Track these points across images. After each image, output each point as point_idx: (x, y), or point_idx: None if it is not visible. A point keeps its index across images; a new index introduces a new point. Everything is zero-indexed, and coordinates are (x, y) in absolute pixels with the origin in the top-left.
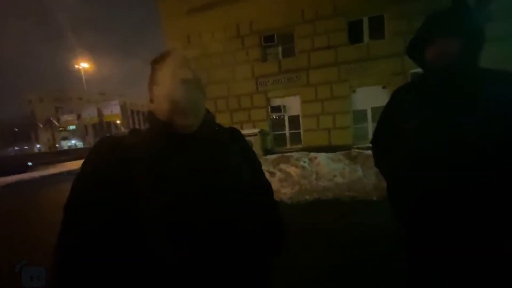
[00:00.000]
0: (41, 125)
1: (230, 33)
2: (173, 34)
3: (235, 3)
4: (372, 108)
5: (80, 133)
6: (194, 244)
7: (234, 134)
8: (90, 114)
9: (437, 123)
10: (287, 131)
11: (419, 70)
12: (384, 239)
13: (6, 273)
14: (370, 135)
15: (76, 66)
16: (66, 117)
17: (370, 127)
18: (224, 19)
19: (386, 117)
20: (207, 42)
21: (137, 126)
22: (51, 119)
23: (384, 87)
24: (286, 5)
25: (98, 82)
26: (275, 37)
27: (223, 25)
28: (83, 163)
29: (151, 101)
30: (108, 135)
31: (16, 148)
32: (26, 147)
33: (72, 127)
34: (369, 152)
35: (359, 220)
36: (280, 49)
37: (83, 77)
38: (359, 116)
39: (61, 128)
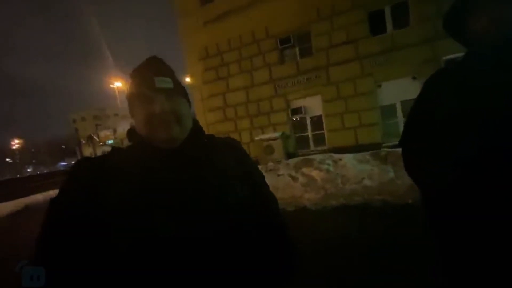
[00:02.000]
0: (83, 141)
1: (246, 40)
2: (192, 46)
3: (249, 9)
4: (402, 102)
5: (118, 146)
6: (183, 273)
7: (229, 145)
8: (124, 128)
9: (494, 112)
10: (309, 133)
11: (454, 56)
12: (422, 248)
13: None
14: (401, 131)
15: (111, 85)
16: (104, 133)
17: (400, 122)
18: (239, 26)
19: (419, 112)
20: (224, 50)
21: None
22: (92, 135)
23: (414, 78)
24: (300, 5)
25: None
26: (291, 38)
27: (238, 32)
28: (61, 186)
29: (132, 115)
30: (85, 156)
31: (64, 163)
32: (72, 162)
33: (110, 141)
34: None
35: (393, 227)
36: (297, 49)
37: (117, 95)
38: (388, 111)
39: (101, 143)
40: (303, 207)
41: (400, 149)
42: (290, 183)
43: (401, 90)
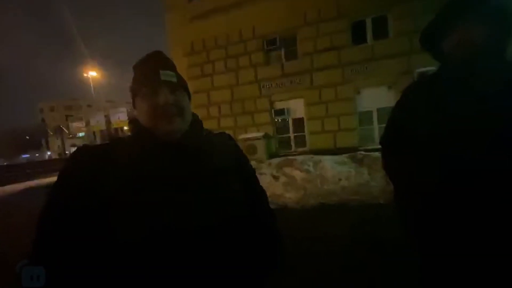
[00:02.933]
0: (51, 133)
1: (233, 38)
2: (177, 41)
3: (237, 8)
4: (378, 109)
5: (88, 140)
6: (179, 264)
7: (225, 140)
8: (98, 121)
9: (456, 122)
10: (291, 134)
11: (426, 69)
12: (392, 244)
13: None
14: (376, 137)
15: (85, 74)
16: (75, 125)
17: (376, 128)
18: (226, 25)
19: (397, 117)
20: (210, 48)
21: None
22: (61, 126)
23: (389, 87)
24: (288, 8)
25: (106, 90)
26: (278, 40)
27: (225, 30)
28: (60, 173)
29: (134, 106)
30: (86, 143)
31: (27, 155)
32: (37, 154)
33: (81, 134)
34: (376, 154)
35: (366, 225)
36: (282, 52)
37: (92, 85)
38: (365, 117)
39: (70, 135)
40: (284, 206)
41: (375, 154)
42: (272, 182)
43: (377, 98)
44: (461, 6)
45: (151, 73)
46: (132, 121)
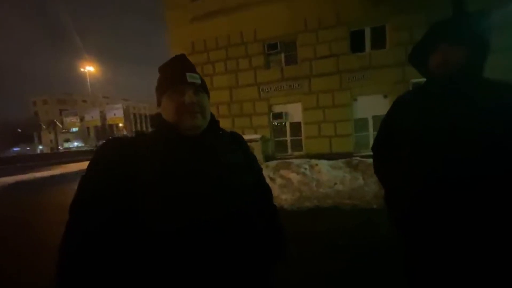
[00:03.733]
0: (44, 127)
1: (234, 40)
2: (178, 40)
3: (239, 11)
4: (373, 117)
5: (82, 135)
6: (201, 247)
7: (237, 138)
8: (93, 116)
9: (437, 130)
10: (288, 138)
11: (420, 79)
12: (384, 247)
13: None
14: (371, 143)
15: (82, 69)
16: (69, 119)
17: (371, 135)
18: (228, 26)
19: (387, 124)
20: (211, 48)
21: (139, 129)
22: (55, 120)
23: (385, 96)
24: (289, 14)
25: (103, 86)
26: (278, 44)
27: (227, 32)
28: (89, 164)
29: (159, 103)
30: (114, 136)
31: (17, 148)
32: (28, 148)
33: (75, 129)
34: (370, 160)
35: (359, 228)
36: (282, 56)
37: (88, 80)
38: (360, 124)
39: (64, 130)
40: (279, 207)
41: (370, 160)
42: (269, 183)
43: (373, 106)
44: (442, 30)
45: (178, 75)
46: (155, 117)
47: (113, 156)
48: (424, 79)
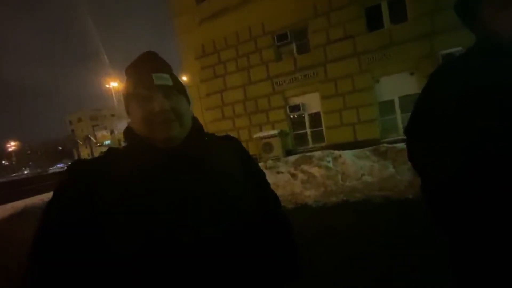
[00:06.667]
0: (80, 142)
1: (243, 37)
2: (187, 45)
3: (245, 6)
4: (400, 98)
5: (115, 146)
6: (189, 277)
7: (230, 144)
8: (121, 129)
9: (500, 102)
10: (308, 130)
11: (451, 50)
12: (425, 244)
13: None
14: (400, 127)
15: (107, 85)
16: (101, 133)
17: (399, 118)
18: (235, 24)
19: (424, 104)
20: (221, 48)
21: None
22: (89, 136)
23: (411, 74)
24: (297, 1)
25: None
26: (288, 34)
27: (235, 29)
28: (54, 191)
29: (128, 113)
30: (80, 158)
31: (61, 164)
32: (69, 163)
33: (107, 142)
34: (400, 145)
35: (394, 223)
36: (294, 46)
37: (114, 95)
38: (386, 107)
39: (98, 144)
40: (303, 204)
41: (399, 145)
42: (290, 180)
43: (399, 86)
44: None
45: (143, 77)
46: (126, 130)
47: (78, 182)
48: (457, 49)
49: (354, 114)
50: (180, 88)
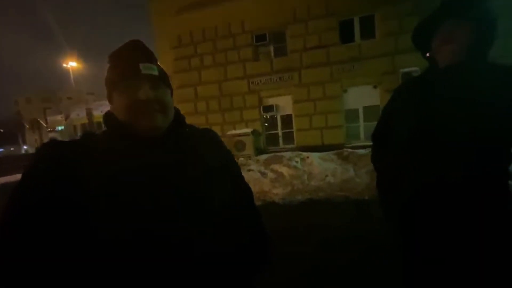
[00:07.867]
0: (27, 126)
1: (222, 32)
2: (163, 33)
3: (226, 1)
4: (364, 107)
5: (68, 134)
6: (167, 267)
7: (209, 136)
8: (79, 114)
9: (439, 117)
10: (279, 131)
11: (410, 69)
12: (377, 238)
13: None
14: (362, 134)
15: (64, 65)
16: (54, 118)
17: (362, 126)
18: (215, 18)
19: (387, 112)
20: (198, 41)
21: None
22: (38, 119)
23: (375, 87)
24: (277, 4)
25: (88, 82)
26: (267, 36)
27: (214, 23)
28: (24, 172)
29: (110, 100)
30: (54, 138)
31: (2, 149)
32: (12, 149)
33: (60, 127)
34: (361, 151)
35: (352, 220)
36: (272, 48)
37: (72, 76)
38: (351, 115)
39: (49, 129)
40: (271, 202)
41: (361, 151)
42: (260, 178)
43: (363, 97)
44: (449, 8)
45: (130, 66)
46: (107, 116)
47: (50, 165)
48: (414, 69)
49: (323, 119)
50: (165, 79)
